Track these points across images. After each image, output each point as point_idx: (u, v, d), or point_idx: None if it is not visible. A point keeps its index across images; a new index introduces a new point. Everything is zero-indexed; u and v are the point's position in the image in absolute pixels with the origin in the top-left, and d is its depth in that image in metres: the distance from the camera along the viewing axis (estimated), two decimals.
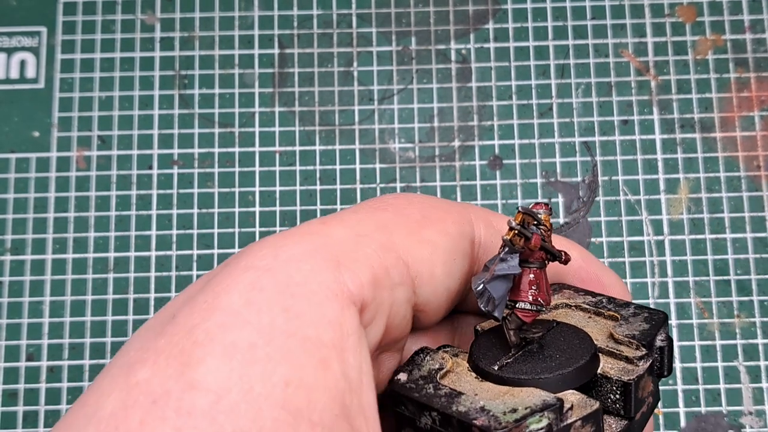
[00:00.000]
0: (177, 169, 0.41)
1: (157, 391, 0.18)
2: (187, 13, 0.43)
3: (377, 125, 0.42)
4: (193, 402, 0.17)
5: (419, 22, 0.43)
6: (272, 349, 0.18)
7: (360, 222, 0.23)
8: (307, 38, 0.43)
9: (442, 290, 0.24)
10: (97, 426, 0.17)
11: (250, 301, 0.19)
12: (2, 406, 0.38)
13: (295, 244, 0.21)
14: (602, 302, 0.25)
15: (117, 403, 0.18)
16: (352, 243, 0.22)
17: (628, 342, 0.23)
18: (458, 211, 0.26)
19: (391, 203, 0.25)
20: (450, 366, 0.24)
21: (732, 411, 0.38)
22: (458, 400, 0.21)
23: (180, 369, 0.18)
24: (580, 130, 0.41)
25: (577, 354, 0.23)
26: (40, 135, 0.42)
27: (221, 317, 0.19)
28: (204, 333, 0.19)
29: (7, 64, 0.42)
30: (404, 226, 0.24)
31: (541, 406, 0.20)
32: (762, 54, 0.42)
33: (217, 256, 0.40)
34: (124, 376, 0.18)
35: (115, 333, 0.39)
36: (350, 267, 0.21)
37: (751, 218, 0.40)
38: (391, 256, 0.22)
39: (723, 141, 0.41)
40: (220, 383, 0.18)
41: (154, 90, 0.42)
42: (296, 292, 0.20)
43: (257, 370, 0.18)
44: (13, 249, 0.40)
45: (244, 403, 0.17)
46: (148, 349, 0.19)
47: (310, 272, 0.20)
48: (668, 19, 0.43)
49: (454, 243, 0.24)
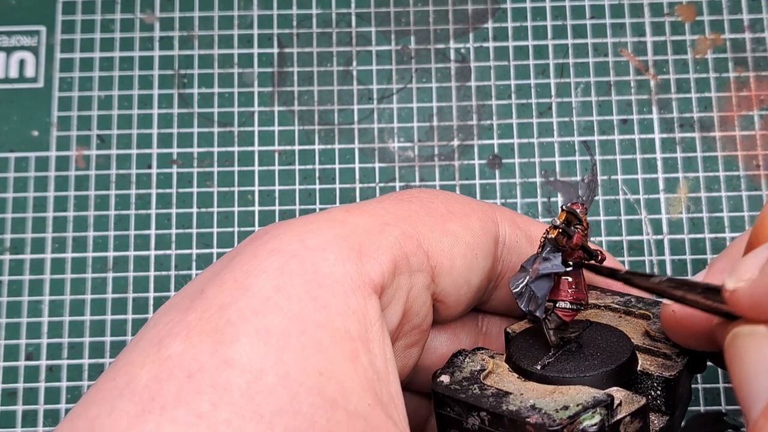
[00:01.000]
0: (176, 169, 0.41)
1: (192, 366, 0.17)
2: (186, 13, 0.43)
3: (376, 124, 0.42)
4: (229, 379, 0.17)
5: (418, 21, 0.43)
6: (306, 339, 0.19)
7: (385, 211, 0.23)
8: (307, 37, 0.43)
9: (462, 283, 0.24)
10: (131, 398, 0.17)
11: (280, 287, 0.19)
12: (1, 405, 0.38)
13: (321, 231, 0.21)
14: (631, 301, 0.25)
15: (150, 375, 0.18)
16: (375, 231, 0.22)
17: (665, 339, 0.23)
18: (483, 209, 0.26)
19: (417, 195, 0.25)
20: (491, 367, 0.24)
21: (731, 410, 0.38)
22: (507, 399, 0.21)
23: (213, 346, 0.18)
24: (579, 130, 0.41)
25: (617, 352, 0.23)
26: (39, 134, 0.42)
27: (252, 300, 0.19)
28: (237, 313, 0.19)
29: (6, 63, 0.42)
30: (428, 218, 0.24)
31: (592, 402, 0.20)
32: (761, 53, 0.42)
33: (217, 255, 0.40)
34: (155, 350, 0.18)
35: (115, 332, 0.39)
36: (372, 256, 0.21)
37: (750, 217, 0.40)
38: (412, 243, 0.23)
39: (722, 140, 0.41)
40: (256, 364, 0.18)
41: (153, 89, 0.42)
42: (323, 282, 0.20)
43: (291, 356, 0.18)
44: (12, 248, 0.40)
45: (281, 386, 0.17)
46: (178, 322, 0.19)
47: (335, 262, 0.21)
48: (667, 19, 0.43)
49: (477, 239, 0.25)
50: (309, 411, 0.17)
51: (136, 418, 0.17)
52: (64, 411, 0.38)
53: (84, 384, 0.39)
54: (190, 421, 0.16)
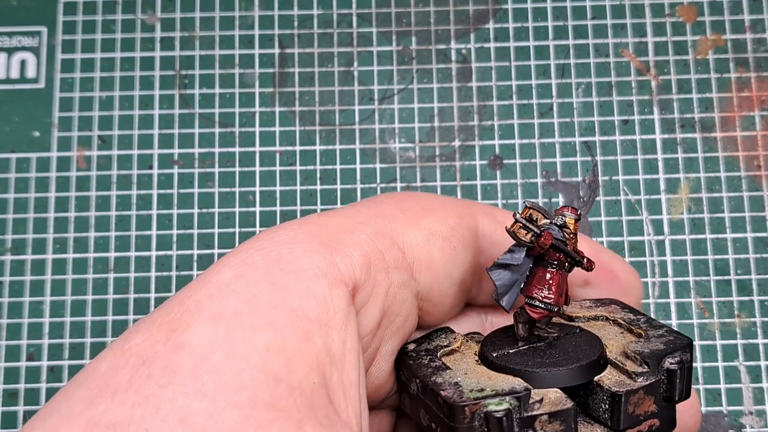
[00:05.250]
0: (177, 169, 0.41)
1: (146, 353, 0.18)
2: (187, 13, 0.43)
3: (377, 125, 0.42)
4: (178, 361, 0.18)
5: (419, 21, 0.43)
6: (257, 317, 0.19)
7: (357, 212, 0.24)
8: (308, 38, 0.43)
9: (444, 277, 0.25)
10: (89, 385, 0.18)
11: (240, 275, 0.20)
12: (3, 406, 0.38)
13: (291, 230, 0.22)
14: (639, 320, 0.25)
15: (109, 365, 0.19)
16: (348, 230, 0.22)
17: (634, 357, 0.23)
18: (461, 204, 0.26)
19: (391, 197, 0.26)
20: (458, 346, 0.24)
21: (732, 411, 0.38)
22: (443, 373, 0.22)
23: (168, 334, 0.19)
24: (580, 130, 0.41)
25: (577, 358, 0.23)
26: (41, 135, 0.42)
27: (211, 289, 0.20)
28: (194, 303, 0.19)
29: (8, 63, 0.42)
30: (403, 215, 0.24)
31: (506, 391, 0.21)
32: (762, 54, 0.42)
33: (217, 255, 0.40)
34: (119, 344, 0.19)
35: (116, 333, 0.39)
36: (342, 250, 0.22)
37: (751, 218, 0.40)
38: (386, 240, 0.23)
39: (723, 141, 0.41)
40: (205, 345, 0.18)
41: (154, 90, 0.42)
42: (285, 268, 0.20)
43: (240, 334, 0.19)
44: (13, 249, 0.40)
45: (227, 363, 0.18)
46: (145, 320, 0.20)
47: (301, 253, 0.21)
48: (669, 19, 0.43)
49: (454, 231, 0.25)
50: (252, 386, 0.18)
51: (89, 402, 0.18)
52: None
53: None
54: (137, 401, 0.17)
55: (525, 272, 0.24)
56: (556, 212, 0.24)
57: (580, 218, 0.24)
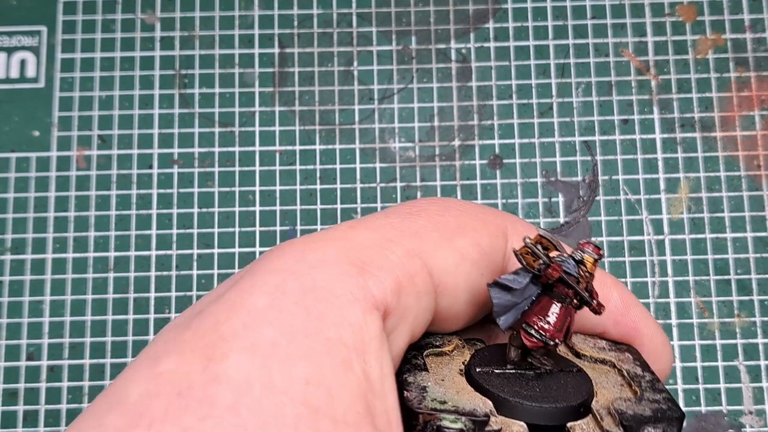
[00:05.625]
0: (177, 169, 0.41)
1: (182, 383, 0.18)
2: (187, 13, 0.43)
3: (377, 124, 0.42)
4: (216, 394, 0.17)
5: (419, 21, 0.43)
6: (293, 348, 0.19)
7: (390, 226, 0.23)
8: (308, 37, 0.43)
9: (462, 302, 0.24)
10: (121, 412, 0.17)
11: (273, 303, 0.20)
12: (2, 406, 0.38)
13: (321, 249, 0.21)
14: (643, 378, 0.24)
15: (142, 391, 0.18)
16: (378, 248, 0.22)
17: (614, 415, 0.22)
18: (495, 222, 0.25)
19: (426, 209, 0.25)
20: (449, 349, 0.24)
21: (732, 410, 0.38)
22: (417, 374, 0.22)
23: (204, 363, 0.18)
24: (580, 130, 0.41)
25: (556, 399, 0.22)
26: (41, 134, 0.42)
27: (245, 316, 0.19)
28: (229, 330, 0.19)
29: (8, 63, 0.42)
30: (436, 234, 0.24)
31: (466, 411, 0.20)
32: (762, 53, 0.42)
33: (217, 255, 0.40)
34: (149, 367, 0.19)
35: (115, 332, 0.39)
36: (374, 273, 0.21)
37: (751, 218, 0.40)
38: (417, 263, 0.22)
39: (723, 140, 0.41)
40: (243, 378, 0.18)
41: (154, 89, 0.42)
42: (319, 296, 0.20)
43: (277, 367, 0.18)
44: (13, 248, 0.40)
45: (266, 398, 0.18)
46: (173, 339, 0.19)
47: (334, 277, 0.20)
48: (668, 19, 0.43)
49: (485, 256, 0.24)
50: (293, 421, 0.18)
51: None
52: (65, 411, 0.38)
53: (85, 384, 0.39)
54: None
55: (531, 297, 0.23)
56: (578, 246, 0.23)
57: (602, 258, 0.23)
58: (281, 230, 0.40)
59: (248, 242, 0.40)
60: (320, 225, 0.40)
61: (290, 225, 0.40)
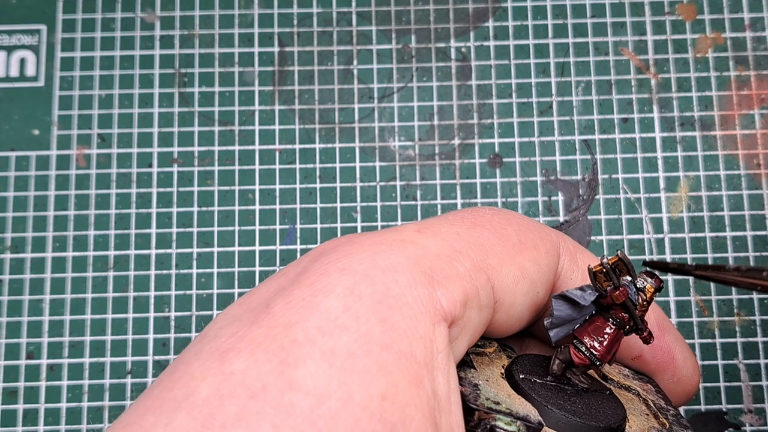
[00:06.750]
0: (177, 167, 0.41)
1: (256, 385, 0.17)
2: (187, 11, 0.43)
3: (377, 123, 0.42)
4: (292, 402, 0.17)
5: (419, 20, 0.43)
6: (370, 361, 0.18)
7: (457, 236, 0.23)
8: (307, 36, 0.43)
9: (516, 318, 0.24)
10: (190, 411, 0.17)
11: (348, 306, 0.19)
12: (2, 404, 0.38)
13: (392, 252, 0.21)
14: (668, 411, 0.25)
15: (211, 390, 0.17)
16: (447, 258, 0.22)
17: None
18: (551, 240, 0.25)
19: (490, 220, 0.25)
20: (490, 351, 0.24)
21: (732, 409, 0.38)
22: (467, 370, 0.22)
23: (278, 366, 0.18)
24: (580, 128, 0.41)
25: (597, 419, 0.22)
26: (40, 133, 0.42)
27: (319, 320, 0.19)
28: (303, 333, 0.18)
29: (7, 62, 0.42)
30: (500, 248, 0.23)
31: (522, 416, 0.20)
32: (762, 52, 0.42)
33: (217, 254, 0.40)
34: (217, 363, 0.18)
35: (115, 331, 0.39)
36: (444, 284, 0.21)
37: (751, 216, 0.40)
38: (483, 277, 0.22)
39: (723, 139, 0.41)
40: (320, 388, 0.17)
41: (154, 88, 0.42)
42: (393, 304, 0.20)
43: (355, 379, 0.18)
44: (12, 247, 0.40)
45: (344, 411, 0.17)
46: (242, 337, 0.19)
47: (405, 284, 0.20)
48: (668, 17, 0.43)
49: (542, 275, 0.24)
50: None
51: None
52: (64, 410, 0.38)
53: (85, 383, 0.39)
54: None
55: (585, 316, 0.23)
56: (641, 274, 0.23)
57: (661, 290, 0.24)
58: (281, 229, 0.40)
59: (248, 241, 0.40)
60: (320, 224, 0.40)
61: (290, 224, 0.40)
